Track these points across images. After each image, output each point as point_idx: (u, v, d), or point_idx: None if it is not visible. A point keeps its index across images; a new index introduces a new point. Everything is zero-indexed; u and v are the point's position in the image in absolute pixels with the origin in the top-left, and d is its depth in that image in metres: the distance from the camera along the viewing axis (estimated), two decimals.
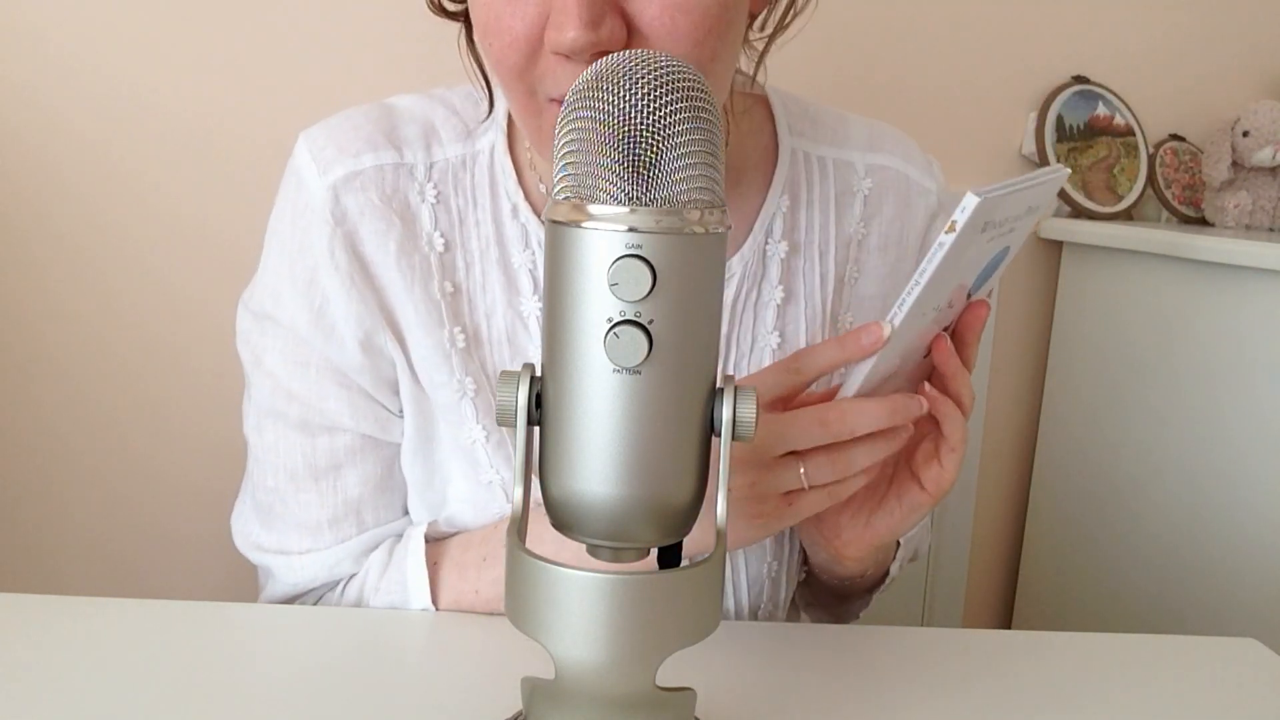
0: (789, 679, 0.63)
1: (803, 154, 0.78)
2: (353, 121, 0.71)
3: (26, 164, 1.19)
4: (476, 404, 0.71)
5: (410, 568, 0.70)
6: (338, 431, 0.72)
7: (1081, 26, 1.50)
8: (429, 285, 0.70)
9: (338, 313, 0.69)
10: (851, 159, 0.79)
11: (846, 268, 0.78)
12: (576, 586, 0.41)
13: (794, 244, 0.76)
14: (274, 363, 0.72)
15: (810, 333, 0.77)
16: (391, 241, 0.70)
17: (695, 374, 0.42)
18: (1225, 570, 1.26)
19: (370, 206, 0.69)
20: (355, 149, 0.70)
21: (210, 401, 1.26)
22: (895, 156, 0.80)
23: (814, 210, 0.77)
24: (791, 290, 0.76)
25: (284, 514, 0.74)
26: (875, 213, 0.79)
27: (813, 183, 0.78)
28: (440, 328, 0.70)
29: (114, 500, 1.27)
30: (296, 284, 0.70)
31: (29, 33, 1.16)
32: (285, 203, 0.71)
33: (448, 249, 0.71)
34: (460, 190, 0.72)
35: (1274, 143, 1.41)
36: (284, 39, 1.22)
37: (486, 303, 0.72)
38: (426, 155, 0.72)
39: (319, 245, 0.69)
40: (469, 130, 0.73)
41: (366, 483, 0.73)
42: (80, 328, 1.23)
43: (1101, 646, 0.70)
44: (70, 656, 0.60)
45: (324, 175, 0.69)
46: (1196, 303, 1.30)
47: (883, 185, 0.79)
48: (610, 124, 0.39)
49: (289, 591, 0.75)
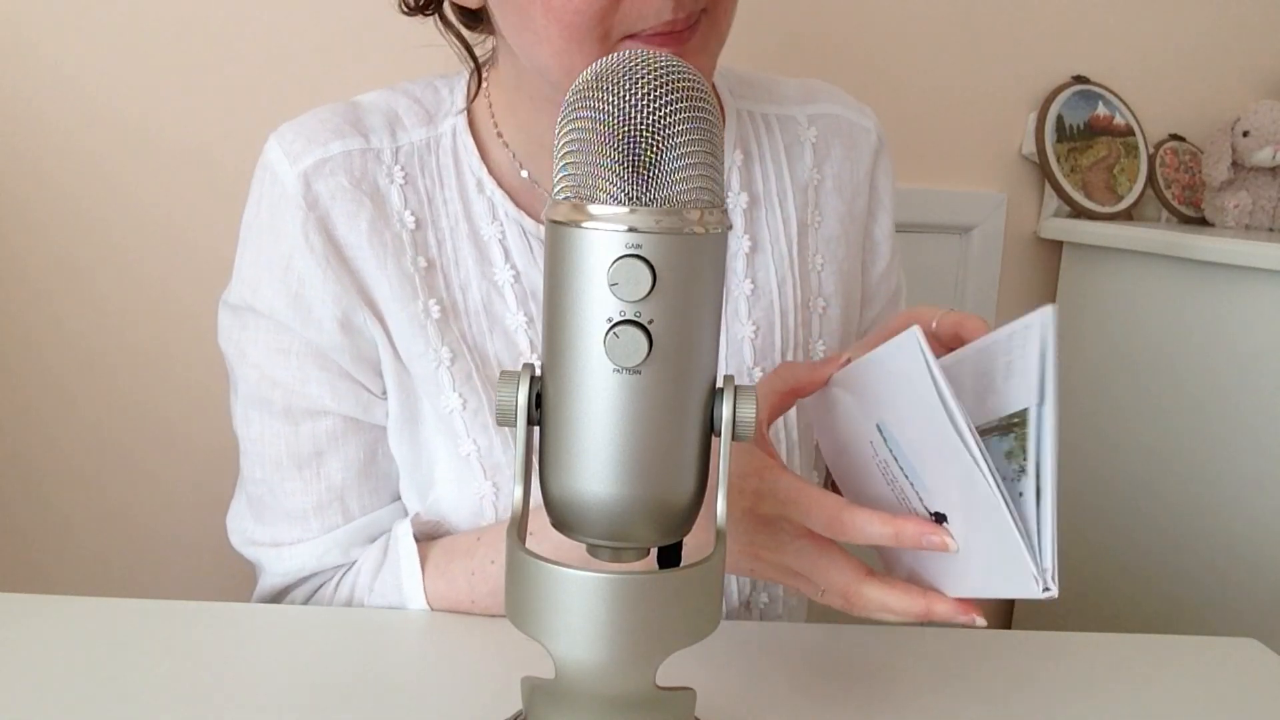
0: (789, 679, 0.63)
1: (747, 113, 0.83)
2: (318, 116, 0.74)
3: (17, 170, 1.18)
4: (453, 373, 0.72)
5: (404, 573, 0.71)
6: (320, 415, 0.73)
7: (1081, 26, 1.50)
8: (401, 260, 0.72)
9: (314, 294, 0.71)
10: (792, 113, 0.84)
11: (808, 212, 0.83)
12: (576, 586, 0.41)
13: (753, 195, 0.81)
14: (256, 353, 0.73)
15: (780, 276, 0.80)
16: (363, 221, 0.71)
17: (695, 374, 0.42)
18: (1225, 570, 1.26)
19: (340, 190, 0.71)
20: (323, 138, 0.72)
21: (204, 405, 1.26)
22: (833, 104, 0.86)
23: (767, 163, 0.82)
24: (757, 239, 0.80)
25: (272, 504, 0.75)
26: (825, 157, 0.84)
27: (761, 138, 0.82)
28: (415, 300, 0.72)
29: (108, 504, 1.27)
30: (273, 271, 0.71)
31: (17, 39, 1.16)
32: (258, 196, 0.73)
33: (419, 226, 0.73)
34: (426, 171, 0.75)
35: (1274, 143, 1.41)
36: (272, 45, 1.21)
37: (461, 276, 0.74)
38: (392, 140, 0.74)
39: (293, 230, 0.71)
40: (430, 115, 0.76)
41: (349, 468, 0.74)
42: (73, 332, 1.23)
43: (1101, 646, 0.70)
44: (70, 656, 0.60)
45: (294, 165, 0.71)
46: (1196, 303, 1.30)
47: (827, 131, 0.84)
48: (610, 124, 0.39)
49: (278, 583, 0.76)
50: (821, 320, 0.83)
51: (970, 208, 1.49)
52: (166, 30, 1.19)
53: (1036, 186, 1.53)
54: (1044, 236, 1.53)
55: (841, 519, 0.54)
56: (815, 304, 0.82)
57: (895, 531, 0.53)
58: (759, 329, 0.79)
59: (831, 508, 0.54)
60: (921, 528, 0.53)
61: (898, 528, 0.53)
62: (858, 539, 0.54)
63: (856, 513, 0.54)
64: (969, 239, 1.49)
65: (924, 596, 0.55)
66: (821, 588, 0.57)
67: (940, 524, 0.53)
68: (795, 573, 0.58)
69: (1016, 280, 1.55)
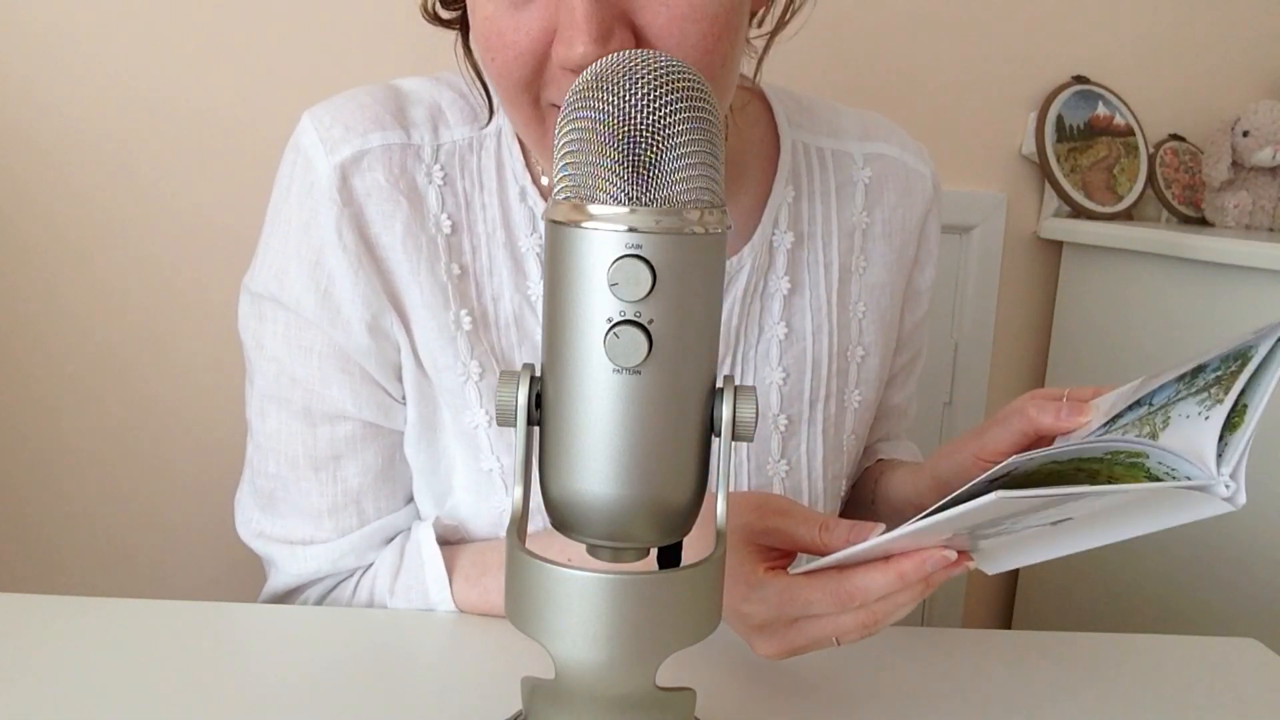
0: (789, 679, 0.63)
1: (803, 145, 0.79)
2: (359, 101, 0.70)
3: (27, 159, 1.19)
4: (481, 388, 0.70)
5: (430, 579, 0.70)
6: (339, 420, 0.71)
7: (1081, 26, 1.50)
8: (435, 267, 0.70)
9: (344, 294, 0.69)
10: (849, 149, 0.81)
11: (852, 258, 0.79)
12: (576, 586, 0.41)
13: (799, 234, 0.77)
14: (276, 346, 0.71)
15: (816, 323, 0.77)
16: (398, 222, 0.69)
17: (695, 374, 0.42)
18: (1225, 570, 1.26)
19: (377, 187, 0.68)
20: (363, 128, 0.69)
21: (214, 394, 1.26)
22: (891, 145, 0.82)
23: (816, 201, 0.78)
24: (797, 281, 0.77)
25: (285, 499, 0.73)
26: (877, 201, 0.80)
27: (814, 174, 0.79)
28: (446, 310, 0.70)
29: (118, 494, 1.27)
30: (303, 264, 0.69)
31: (27, 26, 1.16)
32: (289, 180, 0.70)
33: (454, 231, 0.71)
34: (467, 173, 0.72)
35: (1274, 143, 1.41)
36: (289, 30, 1.22)
37: (494, 286, 0.71)
38: (434, 137, 0.71)
39: (326, 225, 0.68)
40: (475, 114, 0.73)
41: (366, 473, 0.73)
42: (82, 321, 1.23)
43: (1101, 646, 0.70)
44: (71, 656, 0.60)
45: (331, 155, 0.68)
46: (1196, 303, 1.30)
47: (882, 174, 0.81)
48: (610, 124, 0.39)
49: (291, 582, 0.75)
50: (860, 369, 0.80)
51: (970, 208, 1.49)
52: (180, 11, 1.19)
53: (1036, 186, 1.53)
54: (1044, 236, 1.53)
55: (845, 591, 0.52)
56: (854, 353, 0.80)
57: (897, 575, 0.51)
58: (789, 375, 0.76)
59: (831, 588, 0.52)
60: (919, 561, 0.51)
61: (898, 571, 0.51)
62: (869, 600, 0.52)
63: (855, 579, 0.52)
64: (969, 239, 1.49)
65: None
66: (835, 638, 0.55)
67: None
68: (806, 648, 0.56)
69: (1016, 280, 1.55)
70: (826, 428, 0.79)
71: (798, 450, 0.77)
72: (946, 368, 1.53)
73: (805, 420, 0.78)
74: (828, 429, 0.79)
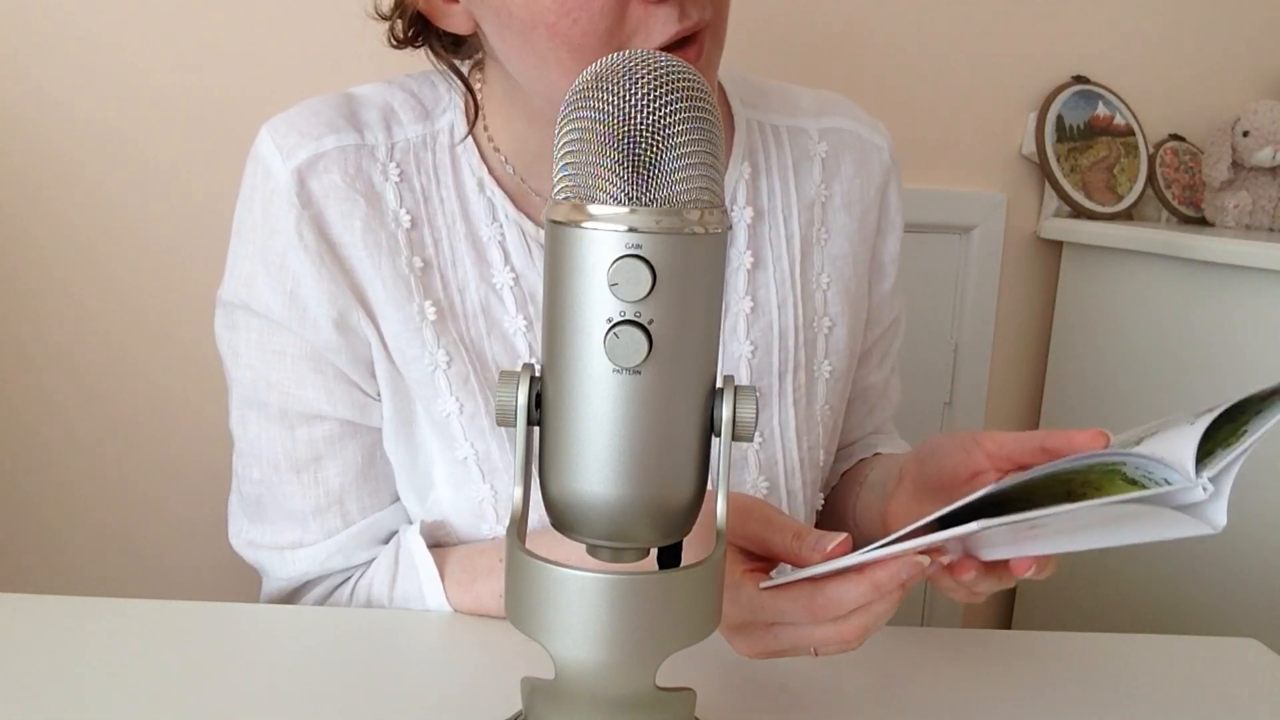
0: (788, 679, 0.63)
1: (757, 123, 0.81)
2: (312, 108, 0.73)
3: (33, 154, 1.19)
4: (449, 377, 0.72)
5: (425, 584, 0.70)
6: (316, 420, 0.72)
7: (1081, 26, 1.50)
8: (396, 260, 0.71)
9: (309, 294, 0.70)
10: (804, 125, 0.83)
11: (813, 230, 0.81)
12: (576, 586, 0.41)
13: (758, 210, 0.79)
14: (251, 354, 0.72)
15: (780, 296, 0.79)
16: (357, 220, 0.70)
17: (695, 374, 0.42)
18: (1225, 570, 1.26)
19: (334, 187, 0.70)
20: (316, 133, 0.71)
21: (220, 392, 1.26)
22: (846, 118, 0.84)
23: (774, 176, 0.80)
24: (760, 255, 0.79)
25: (271, 504, 0.74)
26: (834, 174, 0.82)
27: (769, 150, 0.81)
28: (410, 302, 0.71)
29: (123, 491, 1.27)
30: (269, 270, 0.71)
31: (33, 21, 1.16)
32: (251, 191, 0.72)
33: (414, 225, 0.72)
34: (423, 168, 0.73)
35: (1274, 143, 1.41)
36: (300, 25, 1.21)
37: (459, 277, 0.73)
38: (387, 136, 0.73)
39: (286, 229, 0.70)
40: (427, 111, 0.75)
41: (347, 472, 0.74)
42: (87, 318, 1.23)
43: (1101, 646, 0.70)
44: (72, 656, 0.60)
45: (287, 160, 0.70)
46: (1196, 303, 1.30)
47: (838, 146, 0.83)
48: (610, 124, 0.39)
49: (283, 587, 0.76)
50: (828, 340, 0.82)
51: (970, 208, 1.49)
52: (184, 6, 1.19)
53: (1036, 186, 1.53)
54: (1044, 236, 1.53)
55: (817, 604, 0.51)
56: (820, 323, 0.81)
57: (872, 585, 0.50)
58: (756, 348, 0.78)
59: (804, 601, 0.52)
60: (893, 570, 0.50)
61: (872, 580, 0.50)
62: (842, 612, 0.52)
63: (828, 591, 0.51)
64: (969, 239, 1.49)
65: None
66: (813, 648, 0.55)
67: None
68: (784, 652, 0.56)
69: (1016, 280, 1.55)
70: (798, 398, 0.79)
71: (770, 422, 0.79)
72: (946, 368, 1.53)
73: (775, 392, 0.79)
74: (799, 399, 0.79)
